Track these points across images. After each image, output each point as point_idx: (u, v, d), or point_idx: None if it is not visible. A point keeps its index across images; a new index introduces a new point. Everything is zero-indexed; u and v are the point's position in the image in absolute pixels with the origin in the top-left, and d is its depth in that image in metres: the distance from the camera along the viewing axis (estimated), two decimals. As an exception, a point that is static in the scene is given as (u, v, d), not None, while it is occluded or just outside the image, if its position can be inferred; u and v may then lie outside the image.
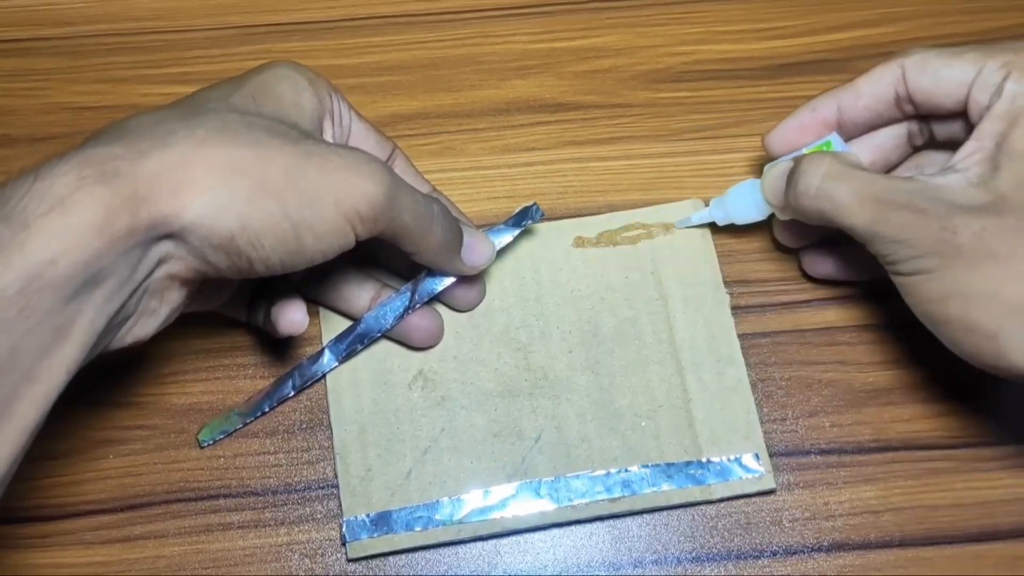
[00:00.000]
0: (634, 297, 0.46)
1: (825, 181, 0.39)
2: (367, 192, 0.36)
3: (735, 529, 0.42)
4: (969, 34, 0.52)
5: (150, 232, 0.32)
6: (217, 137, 0.34)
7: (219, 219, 0.33)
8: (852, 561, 0.42)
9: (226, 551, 0.42)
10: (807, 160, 0.40)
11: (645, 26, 0.53)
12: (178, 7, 0.53)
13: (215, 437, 0.43)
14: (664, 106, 0.51)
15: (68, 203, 0.30)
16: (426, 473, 0.43)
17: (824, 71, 0.52)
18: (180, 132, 0.33)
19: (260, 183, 0.34)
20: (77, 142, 0.49)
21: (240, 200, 0.33)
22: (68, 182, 0.31)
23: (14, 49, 0.52)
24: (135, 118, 0.35)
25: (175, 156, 0.33)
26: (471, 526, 0.42)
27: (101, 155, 0.32)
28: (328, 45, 0.52)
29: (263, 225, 0.34)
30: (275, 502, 0.43)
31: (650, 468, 0.42)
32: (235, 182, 0.33)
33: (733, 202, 0.45)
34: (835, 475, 0.43)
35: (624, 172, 0.48)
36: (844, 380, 0.45)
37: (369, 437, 0.43)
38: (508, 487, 0.42)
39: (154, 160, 0.32)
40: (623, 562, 0.42)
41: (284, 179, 0.34)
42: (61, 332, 0.31)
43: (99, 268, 0.31)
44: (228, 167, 0.33)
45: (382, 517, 0.42)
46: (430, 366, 0.44)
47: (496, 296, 0.46)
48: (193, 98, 0.38)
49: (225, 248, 0.34)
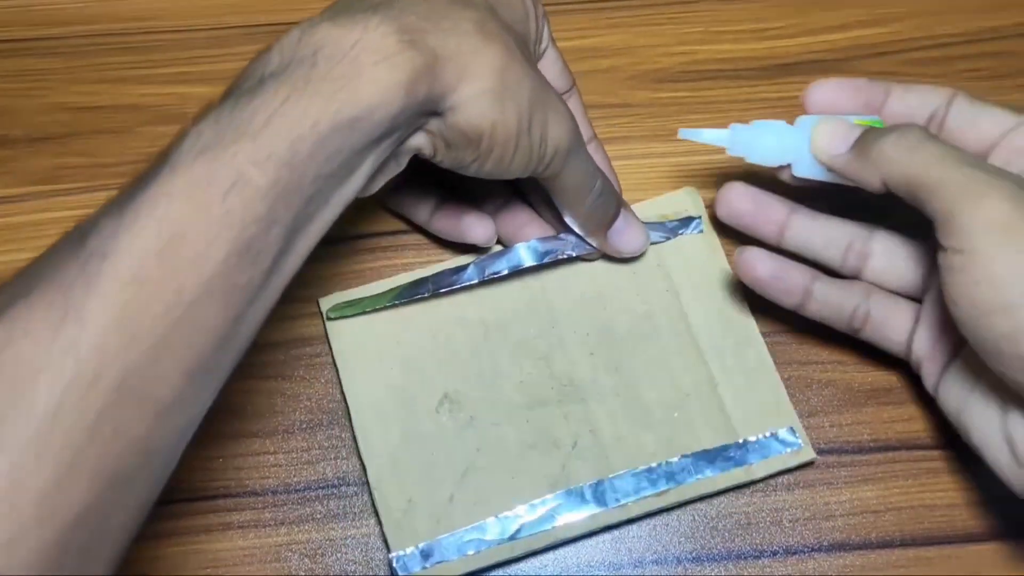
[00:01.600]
0: (644, 292, 0.46)
1: (922, 147, 0.37)
2: (556, 138, 0.39)
3: (735, 529, 0.42)
4: (966, 34, 0.52)
5: (432, 104, 0.35)
6: (489, 34, 0.36)
7: (482, 114, 0.36)
8: (852, 561, 0.42)
9: (226, 551, 0.42)
10: (898, 131, 0.38)
11: (644, 26, 0.53)
12: (178, 7, 0.53)
13: (343, 314, 0.44)
14: (663, 106, 0.51)
15: (394, 60, 0.33)
16: (468, 495, 0.42)
17: (822, 71, 0.52)
18: (469, 22, 0.36)
19: (516, 95, 0.36)
20: (77, 142, 0.50)
21: (501, 104, 0.36)
22: (392, 43, 0.33)
23: (13, 49, 0.52)
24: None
25: (468, 44, 0.35)
26: (523, 541, 0.41)
27: (413, 25, 0.34)
28: (328, 45, 0.52)
29: (505, 134, 0.37)
30: (275, 502, 0.43)
31: (690, 457, 0.42)
32: (503, 87, 0.36)
33: (757, 138, 0.42)
34: (835, 475, 0.43)
35: (624, 172, 0.48)
36: (844, 380, 0.45)
37: (404, 468, 0.42)
38: (553, 497, 0.42)
39: (453, 41, 0.35)
40: (623, 562, 0.42)
41: (529, 101, 0.37)
42: (352, 170, 0.34)
43: (395, 124, 0.34)
44: (501, 70, 0.36)
45: (432, 547, 0.41)
46: (454, 388, 0.44)
47: (507, 310, 0.45)
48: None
49: (468, 140, 0.36)
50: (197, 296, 0.30)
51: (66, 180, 0.49)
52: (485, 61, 0.35)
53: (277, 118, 0.31)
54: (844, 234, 0.43)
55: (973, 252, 0.35)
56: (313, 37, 0.33)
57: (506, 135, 0.37)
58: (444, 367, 0.44)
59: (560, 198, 0.42)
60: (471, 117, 0.36)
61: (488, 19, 0.37)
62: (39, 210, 0.48)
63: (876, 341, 0.43)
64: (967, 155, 0.36)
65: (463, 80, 0.35)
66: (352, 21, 0.33)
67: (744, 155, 0.43)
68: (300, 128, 0.31)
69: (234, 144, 0.31)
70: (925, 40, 0.52)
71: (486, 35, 0.36)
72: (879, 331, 0.42)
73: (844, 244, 0.43)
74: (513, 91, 0.36)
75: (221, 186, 0.30)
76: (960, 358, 0.40)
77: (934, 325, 0.41)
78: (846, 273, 0.43)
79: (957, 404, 0.39)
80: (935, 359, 0.41)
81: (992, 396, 0.38)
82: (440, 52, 0.34)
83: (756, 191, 0.44)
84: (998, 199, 0.35)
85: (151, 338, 0.29)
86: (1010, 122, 0.40)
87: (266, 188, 0.31)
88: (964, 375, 0.39)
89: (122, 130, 0.50)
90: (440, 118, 0.36)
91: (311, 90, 0.32)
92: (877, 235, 0.43)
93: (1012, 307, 0.34)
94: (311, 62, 0.32)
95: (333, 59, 0.32)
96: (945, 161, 0.36)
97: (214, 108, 0.32)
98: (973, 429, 0.38)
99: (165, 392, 0.30)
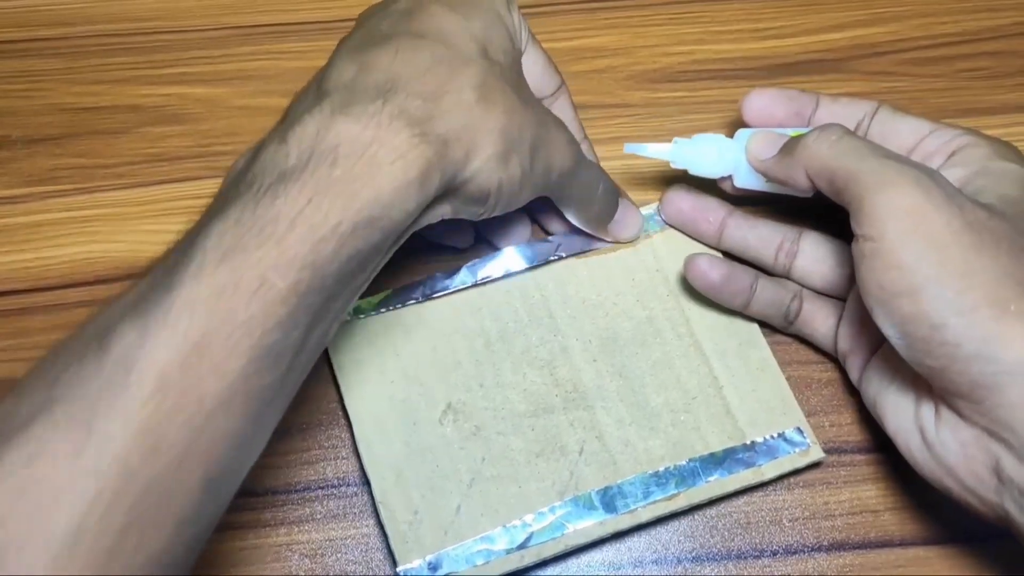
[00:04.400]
0: (645, 297, 0.46)
1: (841, 141, 0.39)
2: (560, 165, 0.40)
3: (735, 529, 0.43)
4: (964, 34, 0.52)
5: (444, 186, 0.35)
6: (489, 97, 0.36)
7: (488, 179, 0.36)
8: (852, 561, 0.42)
9: (226, 551, 0.42)
10: (820, 128, 0.40)
11: (642, 26, 0.53)
12: (177, 7, 0.53)
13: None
14: (662, 106, 0.51)
15: (408, 157, 0.33)
16: (475, 506, 0.41)
17: (821, 71, 0.52)
18: (469, 89, 0.36)
19: (519, 148, 0.37)
20: (76, 143, 0.50)
21: (505, 164, 0.36)
22: (405, 140, 0.33)
23: (13, 50, 0.52)
24: (405, 54, 0.36)
25: (472, 117, 0.35)
26: (533, 550, 0.41)
27: (421, 113, 0.34)
28: (327, 45, 0.51)
29: (511, 186, 0.37)
30: (275, 502, 0.43)
31: (698, 460, 0.42)
32: (507, 147, 0.36)
33: (698, 152, 0.45)
34: (835, 475, 0.43)
35: (623, 172, 0.48)
36: (844, 380, 0.45)
37: (409, 480, 0.42)
38: (562, 504, 0.41)
39: (458, 120, 0.35)
40: (623, 562, 0.42)
41: (532, 145, 0.38)
42: (369, 264, 0.34)
43: (411, 217, 0.34)
44: (504, 131, 0.36)
45: (440, 559, 0.40)
46: (457, 398, 0.44)
47: (509, 318, 0.45)
48: (447, 38, 0.37)
49: (477, 200, 0.37)
50: (218, 404, 0.30)
51: (65, 181, 0.49)
52: (489, 128, 0.36)
53: (301, 221, 0.31)
54: (776, 234, 0.45)
55: (882, 238, 0.36)
56: (330, 132, 0.33)
57: (512, 186, 0.37)
58: (446, 377, 0.44)
59: (566, 205, 0.43)
60: (480, 183, 0.36)
61: (486, 74, 0.37)
62: (38, 211, 0.48)
63: (806, 335, 0.45)
64: (882, 148, 0.38)
65: (471, 155, 0.35)
66: (365, 114, 0.33)
67: (687, 167, 0.45)
68: (323, 229, 0.31)
69: (258, 249, 0.31)
70: (924, 40, 0.52)
71: (487, 101, 0.36)
72: (808, 326, 0.45)
73: (776, 243, 0.45)
74: (516, 145, 0.37)
75: (245, 293, 0.30)
76: (879, 353, 0.42)
77: (855, 321, 0.43)
78: (777, 271, 0.46)
79: (874, 396, 0.41)
80: (857, 354, 0.43)
81: (907, 388, 0.39)
82: (448, 136, 0.34)
83: (697, 194, 0.46)
84: (907, 186, 0.36)
85: (173, 450, 0.29)
86: (926, 129, 0.42)
87: (287, 291, 0.31)
88: (882, 369, 0.41)
89: (122, 131, 0.50)
90: (451, 193, 0.36)
91: (334, 191, 0.32)
92: (805, 235, 0.45)
93: (916, 289, 0.35)
94: (331, 160, 0.32)
95: (351, 157, 0.32)
96: (860, 152, 0.38)
97: (233, 202, 0.32)
98: (888, 418, 0.40)
99: (184, 501, 0.30)
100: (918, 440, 0.39)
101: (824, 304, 0.45)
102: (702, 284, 0.44)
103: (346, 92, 0.35)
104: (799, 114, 0.45)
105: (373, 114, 0.33)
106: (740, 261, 0.45)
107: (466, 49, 0.37)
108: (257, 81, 0.51)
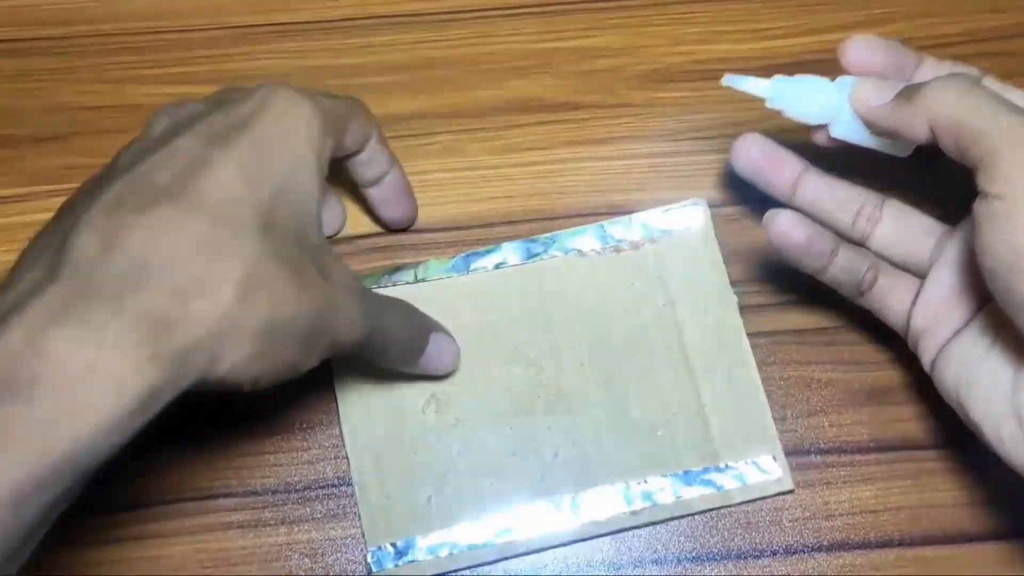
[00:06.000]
0: (642, 305, 0.45)
1: (972, 92, 0.36)
2: (348, 337, 0.36)
3: (735, 529, 0.43)
4: (965, 34, 0.52)
5: (174, 397, 0.31)
6: (253, 293, 0.32)
7: (241, 376, 0.33)
8: (852, 561, 0.42)
9: (226, 551, 0.42)
10: (947, 76, 0.38)
11: (644, 26, 0.53)
12: (179, 7, 0.53)
13: None
14: (663, 106, 0.51)
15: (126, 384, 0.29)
16: (446, 497, 0.42)
17: (821, 71, 0.51)
18: (230, 285, 0.32)
19: (284, 342, 0.33)
20: (79, 142, 0.50)
21: (263, 359, 0.33)
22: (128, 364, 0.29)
23: (15, 49, 0.52)
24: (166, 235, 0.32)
25: (221, 323, 0.31)
26: (495, 548, 0.41)
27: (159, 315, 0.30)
28: (328, 45, 0.52)
29: (275, 375, 0.34)
30: (275, 502, 0.43)
31: (669, 477, 0.42)
32: (262, 347, 0.32)
33: (799, 91, 0.42)
34: (835, 475, 0.43)
35: (624, 172, 0.48)
36: (844, 380, 0.45)
37: (386, 465, 0.43)
38: (529, 506, 0.42)
39: (204, 326, 0.31)
40: (623, 562, 0.42)
41: (305, 335, 0.34)
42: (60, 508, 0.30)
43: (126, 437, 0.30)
44: (259, 333, 0.32)
45: (406, 545, 0.42)
46: (442, 388, 0.44)
47: (503, 314, 0.45)
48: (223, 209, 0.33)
49: (231, 391, 0.33)
50: None
51: (68, 180, 0.49)
52: (247, 331, 0.32)
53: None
54: (856, 197, 0.43)
55: (1016, 197, 0.33)
56: (39, 354, 0.28)
57: (277, 375, 0.34)
58: None
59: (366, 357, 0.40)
60: (233, 381, 0.32)
61: (257, 262, 0.32)
62: (41, 210, 0.48)
63: (875, 310, 0.42)
64: (1014, 105, 0.36)
65: (217, 363, 0.31)
66: (89, 326, 0.29)
67: (784, 108, 0.42)
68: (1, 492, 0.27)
69: None
70: (925, 40, 0.52)
71: (249, 299, 0.32)
72: (882, 299, 0.42)
73: (855, 207, 0.42)
74: (282, 340, 0.33)
75: None
76: (966, 330, 0.39)
77: (939, 297, 0.40)
78: (853, 237, 0.43)
79: (957, 379, 0.38)
80: (935, 334, 0.40)
81: (1004, 366, 0.37)
82: (190, 348, 0.30)
83: (772, 144, 0.43)
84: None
85: None
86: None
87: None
88: (970, 349, 0.38)
89: (124, 130, 0.50)
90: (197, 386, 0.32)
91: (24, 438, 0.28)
92: (889, 202, 0.43)
93: None
94: (27, 396, 0.28)
95: (56, 391, 0.28)
96: (992, 106, 0.35)
97: None
98: (975, 402, 0.37)
99: None
100: (1012, 427, 0.36)
101: (901, 278, 0.42)
102: (783, 243, 0.40)
103: (81, 280, 0.30)
104: (900, 68, 0.41)
105: (99, 327, 0.29)
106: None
107: (242, 226, 0.33)
108: (258, 81, 0.51)
